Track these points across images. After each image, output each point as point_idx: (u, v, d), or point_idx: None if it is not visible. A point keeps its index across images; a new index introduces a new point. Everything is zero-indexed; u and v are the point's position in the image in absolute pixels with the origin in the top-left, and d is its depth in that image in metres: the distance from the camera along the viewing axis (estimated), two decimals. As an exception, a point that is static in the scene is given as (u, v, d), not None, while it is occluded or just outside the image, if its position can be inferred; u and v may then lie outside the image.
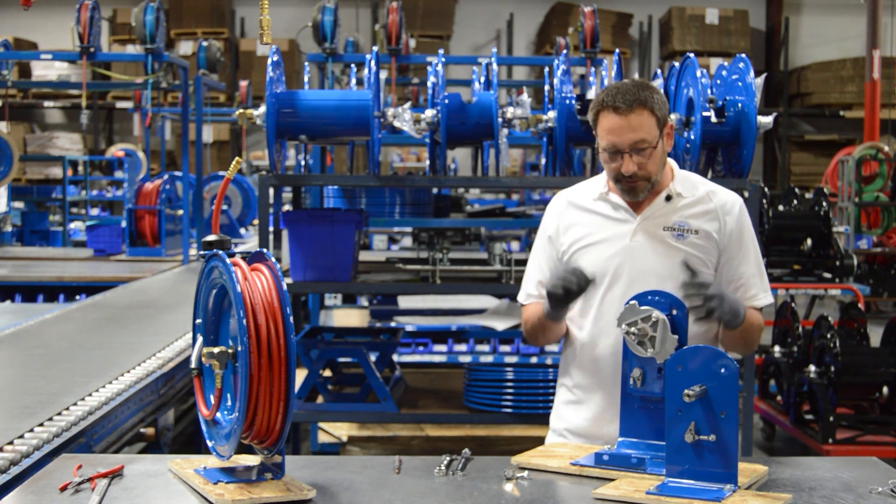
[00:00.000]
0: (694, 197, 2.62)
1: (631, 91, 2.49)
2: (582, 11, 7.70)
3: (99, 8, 7.33)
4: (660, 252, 2.57)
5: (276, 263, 2.18)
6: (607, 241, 2.61)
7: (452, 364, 6.36)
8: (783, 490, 2.19)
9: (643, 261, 2.57)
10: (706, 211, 2.60)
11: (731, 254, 2.61)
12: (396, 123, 4.06)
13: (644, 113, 2.48)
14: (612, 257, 2.59)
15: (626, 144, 2.49)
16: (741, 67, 4.06)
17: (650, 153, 2.51)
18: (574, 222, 2.67)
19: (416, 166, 15.33)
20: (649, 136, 2.49)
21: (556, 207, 2.73)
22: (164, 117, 11.45)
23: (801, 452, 5.92)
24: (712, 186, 2.67)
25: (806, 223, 7.06)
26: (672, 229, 2.58)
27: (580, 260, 2.61)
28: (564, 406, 2.72)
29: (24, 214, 11.91)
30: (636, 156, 2.50)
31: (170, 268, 7.31)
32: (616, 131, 2.49)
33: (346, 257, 4.17)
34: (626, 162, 2.51)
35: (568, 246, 2.66)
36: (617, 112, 2.48)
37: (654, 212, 2.60)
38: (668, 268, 2.55)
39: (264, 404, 2.08)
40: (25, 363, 3.87)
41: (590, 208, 2.66)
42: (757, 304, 2.62)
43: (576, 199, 2.70)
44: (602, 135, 2.53)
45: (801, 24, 17.26)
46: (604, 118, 2.51)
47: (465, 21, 16.64)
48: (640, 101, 2.48)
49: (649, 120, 2.49)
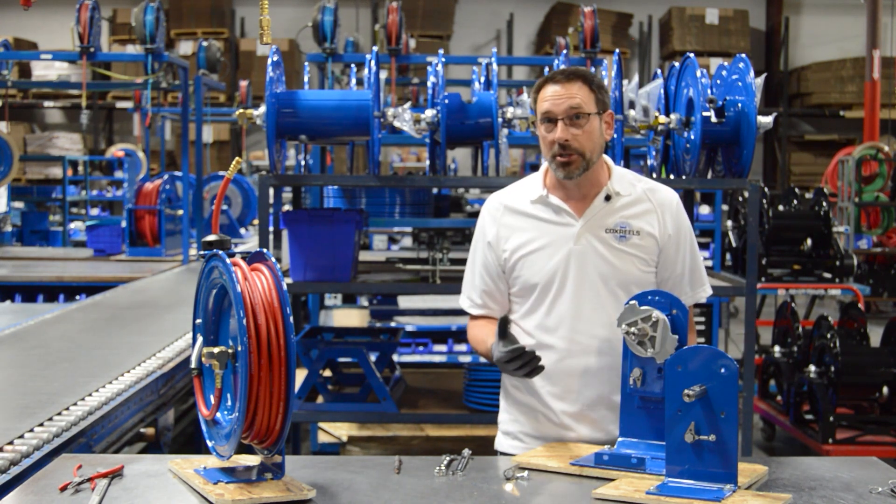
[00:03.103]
0: (632, 196, 2.60)
1: (573, 69, 2.56)
2: (582, 11, 7.69)
3: (99, 8, 7.33)
4: (604, 256, 2.55)
5: (276, 263, 2.17)
6: (550, 245, 2.58)
7: (452, 364, 6.37)
8: (783, 490, 2.19)
9: (588, 265, 2.55)
10: (646, 211, 2.59)
11: (669, 253, 2.60)
12: (396, 123, 4.06)
13: (583, 86, 2.52)
14: (557, 263, 2.56)
15: (561, 111, 2.51)
16: (741, 67, 4.06)
17: (585, 123, 2.51)
18: (514, 228, 2.63)
19: (416, 166, 15.33)
20: (585, 105, 2.51)
21: (491, 212, 2.68)
22: (164, 117, 11.44)
23: (801, 452, 5.92)
24: (649, 184, 2.66)
25: (806, 223, 7.07)
26: (614, 231, 2.56)
27: (524, 267, 2.59)
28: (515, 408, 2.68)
29: (24, 214, 11.91)
30: (571, 127, 2.51)
31: (170, 268, 7.31)
32: (552, 99, 2.52)
33: (346, 257, 4.17)
34: (559, 129, 2.51)
35: (510, 253, 2.61)
36: (555, 81, 2.54)
37: (594, 213, 2.57)
38: (614, 270, 2.54)
39: (264, 404, 2.08)
40: (25, 363, 3.87)
41: (529, 212, 2.63)
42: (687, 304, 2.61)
43: (513, 203, 2.66)
44: (539, 106, 2.55)
45: (801, 24, 17.27)
46: (543, 91, 2.55)
47: (465, 21, 16.64)
48: (578, 74, 2.54)
49: (587, 93, 2.53)
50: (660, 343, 2.31)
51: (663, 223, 2.59)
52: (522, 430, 2.66)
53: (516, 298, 2.64)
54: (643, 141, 5.18)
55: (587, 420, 2.56)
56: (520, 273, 2.60)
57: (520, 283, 2.61)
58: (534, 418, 2.63)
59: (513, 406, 2.69)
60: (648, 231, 2.57)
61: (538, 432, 2.62)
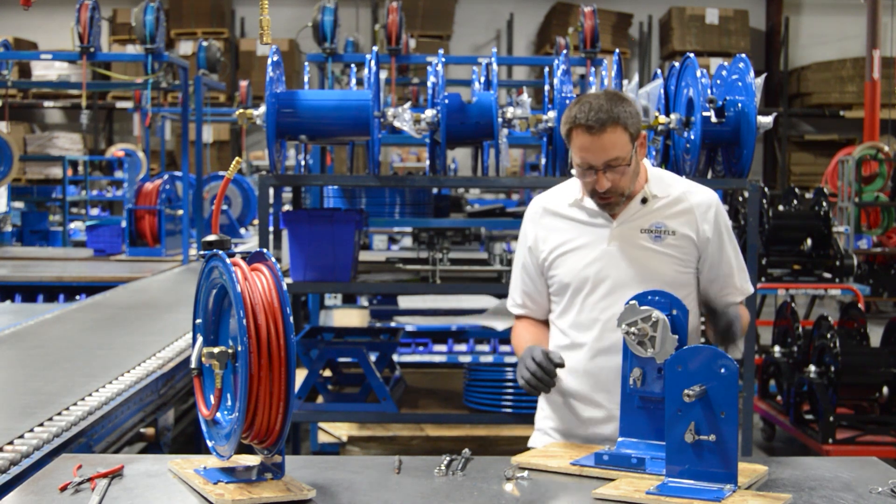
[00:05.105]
0: (670, 197, 2.62)
1: (604, 108, 2.45)
2: (582, 11, 7.69)
3: (99, 8, 7.33)
4: (638, 255, 2.58)
5: (276, 263, 2.17)
6: (585, 246, 2.61)
7: (452, 364, 6.36)
8: (783, 490, 2.19)
9: (622, 265, 2.58)
10: (682, 211, 2.61)
11: (712, 255, 2.62)
12: (396, 123, 4.06)
13: (617, 130, 2.46)
14: (591, 263, 2.60)
15: (599, 163, 2.48)
16: (741, 67, 4.06)
17: (624, 170, 2.50)
18: (551, 229, 2.67)
19: (416, 166, 15.32)
20: (623, 153, 2.48)
21: (532, 215, 2.74)
22: (164, 117, 11.44)
23: (801, 452, 5.92)
24: (687, 185, 2.67)
25: (806, 223, 7.06)
26: (649, 231, 2.58)
27: (560, 266, 2.64)
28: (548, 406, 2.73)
29: (24, 214, 11.91)
30: (610, 172, 2.49)
31: (170, 268, 7.31)
32: (589, 150, 2.48)
33: (346, 257, 4.17)
34: (600, 179, 2.50)
35: (548, 253, 2.67)
36: (590, 131, 2.45)
37: (630, 215, 2.59)
38: (647, 270, 2.57)
39: (264, 404, 2.08)
40: (25, 363, 3.87)
41: (566, 214, 2.66)
42: (736, 301, 2.67)
43: (551, 206, 2.70)
44: (575, 151, 2.52)
45: (801, 24, 17.26)
46: (577, 136, 2.49)
47: (465, 21, 16.64)
48: (613, 118, 2.45)
49: (623, 137, 2.47)
50: (660, 343, 2.31)
51: (701, 224, 2.60)
52: (553, 427, 2.71)
53: (554, 298, 2.71)
54: (643, 141, 5.17)
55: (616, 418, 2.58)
56: (555, 272, 2.66)
57: (555, 282, 2.67)
58: (564, 415, 2.67)
59: (547, 403, 2.74)
60: (684, 232, 2.59)
61: (567, 429, 2.66)
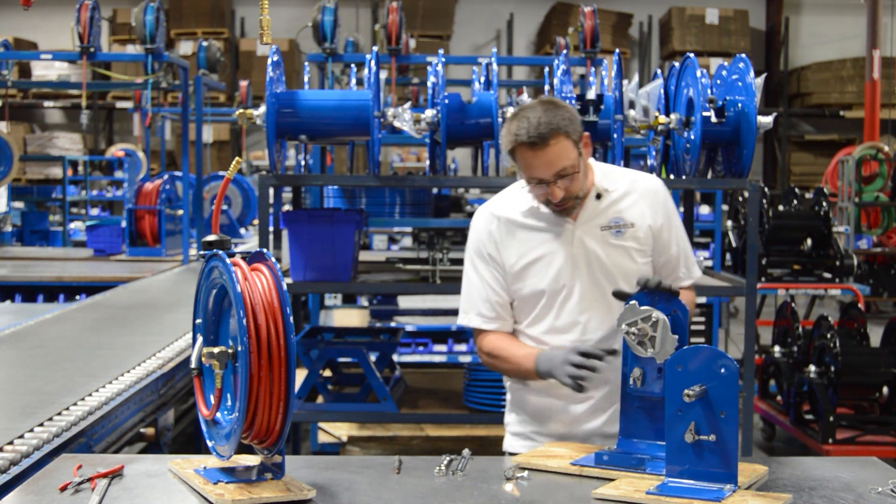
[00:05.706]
0: (620, 190, 2.63)
1: (542, 121, 2.44)
2: (582, 11, 7.69)
3: (99, 8, 7.32)
4: (602, 253, 2.58)
5: (276, 263, 2.17)
6: (552, 253, 2.60)
7: (452, 364, 6.37)
8: (783, 490, 2.20)
9: (592, 265, 2.58)
10: (635, 202, 2.62)
11: (663, 238, 2.64)
12: (396, 123, 4.06)
13: (560, 140, 2.46)
14: (561, 268, 2.59)
15: (549, 175, 2.48)
16: (741, 67, 4.06)
17: (574, 176, 2.51)
18: (512, 239, 2.64)
19: (416, 166, 15.32)
20: (570, 161, 2.48)
21: (484, 224, 2.68)
22: (164, 117, 11.44)
23: (801, 452, 5.92)
24: (632, 174, 2.69)
25: (806, 223, 7.06)
26: (609, 228, 2.60)
27: (530, 276, 2.61)
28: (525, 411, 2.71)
29: (24, 214, 11.91)
30: (561, 181, 2.49)
31: (170, 268, 7.31)
32: (537, 166, 2.48)
33: (345, 257, 4.17)
34: (553, 190, 2.50)
35: (514, 262, 2.63)
36: (533, 147, 2.45)
37: (588, 215, 2.60)
38: (615, 267, 2.58)
39: (264, 404, 2.08)
40: (25, 363, 3.87)
41: (524, 223, 2.64)
42: (684, 285, 2.67)
43: (506, 214, 2.65)
44: (523, 168, 2.51)
45: (801, 24, 17.26)
46: (521, 154, 2.49)
47: (465, 21, 16.63)
48: (553, 129, 2.44)
49: (566, 144, 2.47)
50: (660, 343, 2.31)
51: (653, 210, 2.63)
52: (534, 430, 2.69)
53: (522, 307, 2.66)
54: (643, 141, 5.18)
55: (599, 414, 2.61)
56: (525, 283, 2.62)
57: (525, 291, 2.63)
58: (545, 417, 2.66)
59: (521, 408, 2.72)
60: (641, 221, 2.61)
61: (550, 430, 2.65)
